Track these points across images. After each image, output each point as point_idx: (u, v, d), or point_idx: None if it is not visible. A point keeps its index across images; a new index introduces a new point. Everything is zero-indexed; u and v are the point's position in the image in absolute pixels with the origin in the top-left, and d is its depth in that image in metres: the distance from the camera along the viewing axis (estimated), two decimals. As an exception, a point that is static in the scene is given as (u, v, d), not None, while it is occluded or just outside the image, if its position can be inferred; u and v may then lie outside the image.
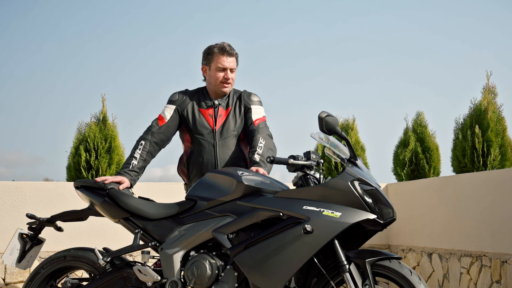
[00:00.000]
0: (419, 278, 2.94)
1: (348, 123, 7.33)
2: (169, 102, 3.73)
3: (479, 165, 6.18)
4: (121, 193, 3.32)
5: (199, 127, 3.66)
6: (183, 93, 3.76)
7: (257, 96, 3.79)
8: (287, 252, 2.92)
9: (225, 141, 3.65)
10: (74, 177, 6.31)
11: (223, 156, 3.64)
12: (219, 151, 3.64)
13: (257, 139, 3.55)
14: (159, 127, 3.66)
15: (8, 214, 5.43)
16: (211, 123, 3.67)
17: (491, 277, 4.98)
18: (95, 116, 6.58)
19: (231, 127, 3.68)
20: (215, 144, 3.64)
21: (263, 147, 3.52)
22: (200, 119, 3.67)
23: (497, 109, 6.37)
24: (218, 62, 3.67)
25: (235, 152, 3.67)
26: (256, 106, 3.74)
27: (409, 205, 6.20)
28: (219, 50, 3.67)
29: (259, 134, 3.59)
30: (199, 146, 3.66)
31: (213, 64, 3.69)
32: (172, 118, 3.68)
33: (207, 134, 3.66)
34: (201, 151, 3.65)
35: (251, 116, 3.69)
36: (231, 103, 3.73)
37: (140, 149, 3.60)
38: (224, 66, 3.67)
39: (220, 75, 3.68)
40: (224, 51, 3.66)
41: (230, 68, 3.68)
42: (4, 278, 5.34)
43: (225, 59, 3.67)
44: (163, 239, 3.24)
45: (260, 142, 3.54)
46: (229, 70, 3.68)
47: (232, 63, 3.70)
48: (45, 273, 3.40)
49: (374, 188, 3.02)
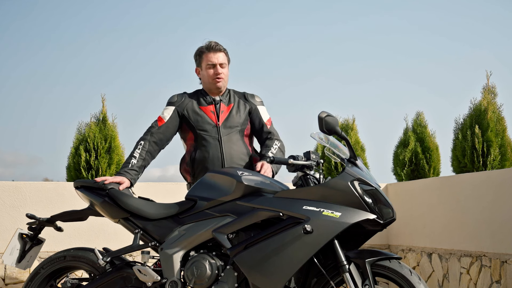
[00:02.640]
0: (419, 278, 2.94)
1: (348, 123, 7.32)
2: (168, 103, 3.78)
3: (479, 165, 6.18)
4: (121, 193, 3.33)
5: (201, 123, 3.69)
6: (182, 95, 3.82)
7: (259, 97, 3.90)
8: (287, 252, 2.92)
9: (229, 136, 3.68)
10: (74, 177, 6.30)
11: (229, 151, 3.65)
12: (224, 145, 3.65)
13: (273, 141, 3.73)
14: (158, 127, 3.70)
15: (8, 214, 5.43)
16: (213, 118, 3.71)
17: (491, 277, 4.98)
18: (95, 116, 6.58)
19: (235, 121, 3.72)
20: (220, 139, 3.67)
21: (277, 148, 3.70)
22: (202, 116, 3.71)
23: (497, 109, 6.36)
24: (207, 59, 3.76)
25: (240, 146, 3.69)
26: (262, 106, 3.86)
27: (409, 205, 6.20)
28: (206, 48, 3.78)
29: (275, 137, 3.77)
30: (204, 142, 3.67)
31: (203, 64, 3.78)
32: (171, 118, 3.72)
33: (211, 129, 3.68)
34: (206, 146, 3.66)
35: (261, 117, 3.81)
36: (233, 100, 3.80)
37: (140, 148, 3.63)
38: (213, 62, 3.75)
39: (210, 72, 3.75)
40: (210, 48, 3.76)
41: (219, 63, 3.76)
42: (4, 278, 5.34)
43: (212, 55, 3.75)
44: (163, 239, 3.24)
45: (275, 144, 3.72)
46: (218, 66, 3.76)
47: (221, 58, 3.77)
48: (45, 273, 3.41)
49: (374, 188, 3.02)
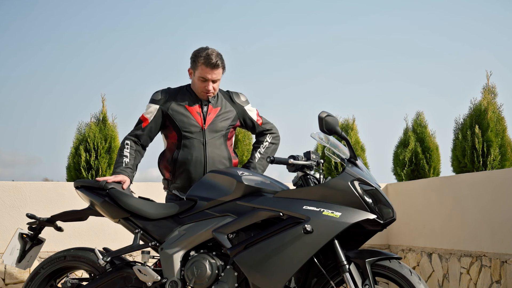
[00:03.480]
0: (419, 278, 2.94)
1: (348, 123, 7.32)
2: (152, 101, 3.64)
3: (479, 165, 6.18)
4: (121, 193, 3.32)
5: (187, 124, 3.59)
6: (166, 91, 3.67)
7: (244, 95, 3.82)
8: (287, 252, 2.92)
9: (213, 140, 3.61)
10: (74, 177, 6.30)
11: (211, 155, 3.59)
12: (208, 149, 3.59)
13: (265, 137, 3.82)
14: (143, 128, 3.60)
15: (8, 214, 5.43)
16: (199, 121, 3.61)
17: (491, 277, 4.98)
18: (95, 116, 6.58)
19: (221, 126, 3.65)
20: (205, 142, 3.59)
21: (267, 145, 3.78)
22: (188, 116, 3.61)
23: (497, 109, 6.36)
24: (201, 72, 3.58)
25: (222, 151, 3.64)
26: (248, 105, 3.79)
27: (409, 205, 6.20)
28: (205, 61, 3.55)
29: (268, 131, 3.83)
30: (187, 143, 3.58)
31: (197, 72, 3.60)
32: (155, 118, 3.61)
33: (197, 132, 3.59)
34: (190, 148, 3.57)
35: (251, 117, 3.77)
36: (220, 103, 3.70)
37: (128, 148, 3.56)
38: (207, 78, 3.58)
39: (201, 85, 3.61)
40: (209, 64, 3.55)
41: (212, 79, 3.59)
42: (4, 278, 5.34)
43: (208, 71, 3.56)
44: (163, 239, 3.24)
45: (266, 140, 3.80)
46: (211, 81, 3.60)
47: (216, 75, 3.58)
48: (45, 273, 3.41)
49: (374, 188, 3.02)
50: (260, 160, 3.73)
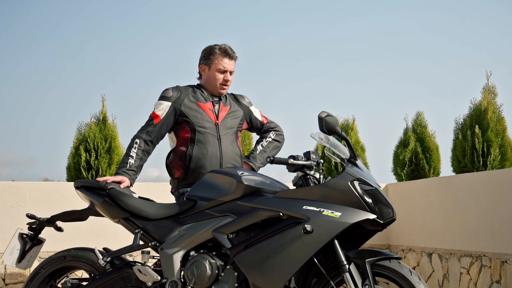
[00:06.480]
0: (419, 278, 2.94)
1: (348, 123, 7.33)
2: (163, 98, 3.64)
3: (479, 165, 6.18)
4: (121, 193, 3.32)
5: (201, 120, 3.62)
6: (177, 89, 3.69)
7: (247, 97, 3.93)
8: (287, 252, 2.92)
9: (226, 136, 3.66)
10: (74, 177, 6.31)
11: (226, 150, 3.62)
12: (223, 144, 3.62)
13: (268, 133, 3.93)
14: (154, 125, 3.59)
15: (8, 214, 5.43)
16: (212, 117, 3.65)
17: (491, 277, 4.98)
18: (95, 116, 6.59)
19: (232, 123, 3.72)
20: (219, 137, 3.63)
21: (269, 140, 3.90)
22: (201, 112, 3.64)
23: (497, 109, 6.37)
24: (220, 64, 3.69)
25: (235, 147, 3.69)
26: (252, 106, 3.89)
27: (409, 205, 6.20)
28: (222, 52, 3.70)
29: (272, 128, 3.94)
30: (201, 138, 3.60)
31: (213, 65, 3.70)
32: (167, 115, 3.60)
33: (211, 128, 3.62)
34: (205, 143, 3.59)
35: (256, 117, 3.88)
36: (229, 103, 3.78)
37: (136, 147, 3.55)
38: (225, 69, 3.69)
39: (220, 77, 3.69)
40: (226, 54, 3.70)
41: (230, 70, 3.72)
42: (4, 278, 5.34)
43: (226, 61, 3.70)
44: (163, 239, 3.24)
45: (269, 136, 3.91)
46: (228, 73, 3.71)
47: (232, 65, 3.74)
48: (45, 273, 3.41)
49: (374, 188, 3.02)
50: (261, 153, 3.83)
